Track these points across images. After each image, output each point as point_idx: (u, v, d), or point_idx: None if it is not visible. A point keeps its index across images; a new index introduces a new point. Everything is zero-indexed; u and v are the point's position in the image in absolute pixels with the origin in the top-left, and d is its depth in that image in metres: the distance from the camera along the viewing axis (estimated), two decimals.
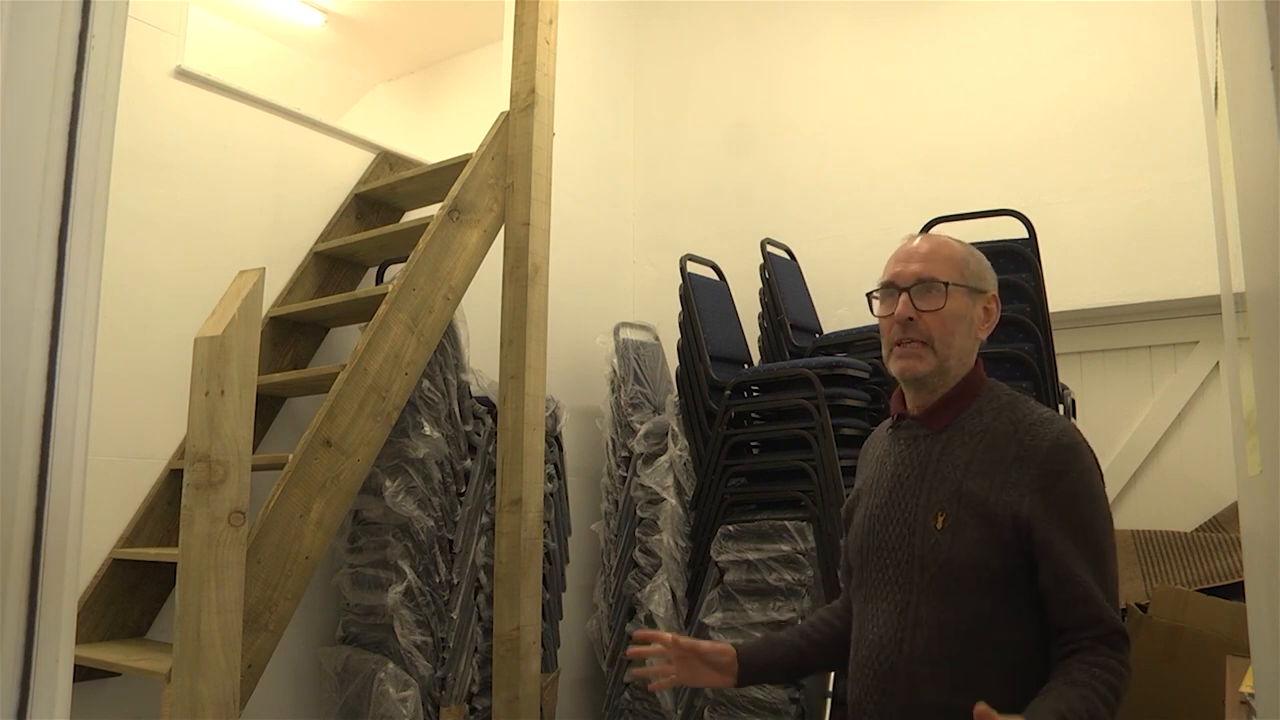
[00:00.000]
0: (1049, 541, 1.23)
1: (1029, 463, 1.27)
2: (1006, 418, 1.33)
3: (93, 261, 0.79)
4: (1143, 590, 2.53)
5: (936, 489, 1.33)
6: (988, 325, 1.41)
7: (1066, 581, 1.23)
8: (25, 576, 0.73)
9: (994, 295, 1.42)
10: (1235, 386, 1.26)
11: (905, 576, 1.33)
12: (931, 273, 1.37)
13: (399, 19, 4.30)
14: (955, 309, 1.36)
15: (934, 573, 1.29)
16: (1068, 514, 1.24)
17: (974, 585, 1.26)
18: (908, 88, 3.50)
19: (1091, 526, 1.25)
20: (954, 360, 1.37)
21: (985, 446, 1.31)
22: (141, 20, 2.41)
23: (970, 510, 1.28)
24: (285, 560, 1.99)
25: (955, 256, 1.39)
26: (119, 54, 0.83)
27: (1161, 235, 2.93)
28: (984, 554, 1.26)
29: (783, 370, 2.81)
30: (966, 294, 1.37)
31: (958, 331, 1.36)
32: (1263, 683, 1.06)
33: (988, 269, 1.43)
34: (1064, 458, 1.26)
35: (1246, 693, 1.54)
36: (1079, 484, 1.26)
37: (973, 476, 1.30)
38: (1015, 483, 1.26)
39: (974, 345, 1.40)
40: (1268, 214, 0.79)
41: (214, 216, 2.58)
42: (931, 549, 1.30)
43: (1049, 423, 1.31)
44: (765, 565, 2.66)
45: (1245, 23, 0.87)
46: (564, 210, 3.07)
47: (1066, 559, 1.23)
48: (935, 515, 1.31)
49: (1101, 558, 1.24)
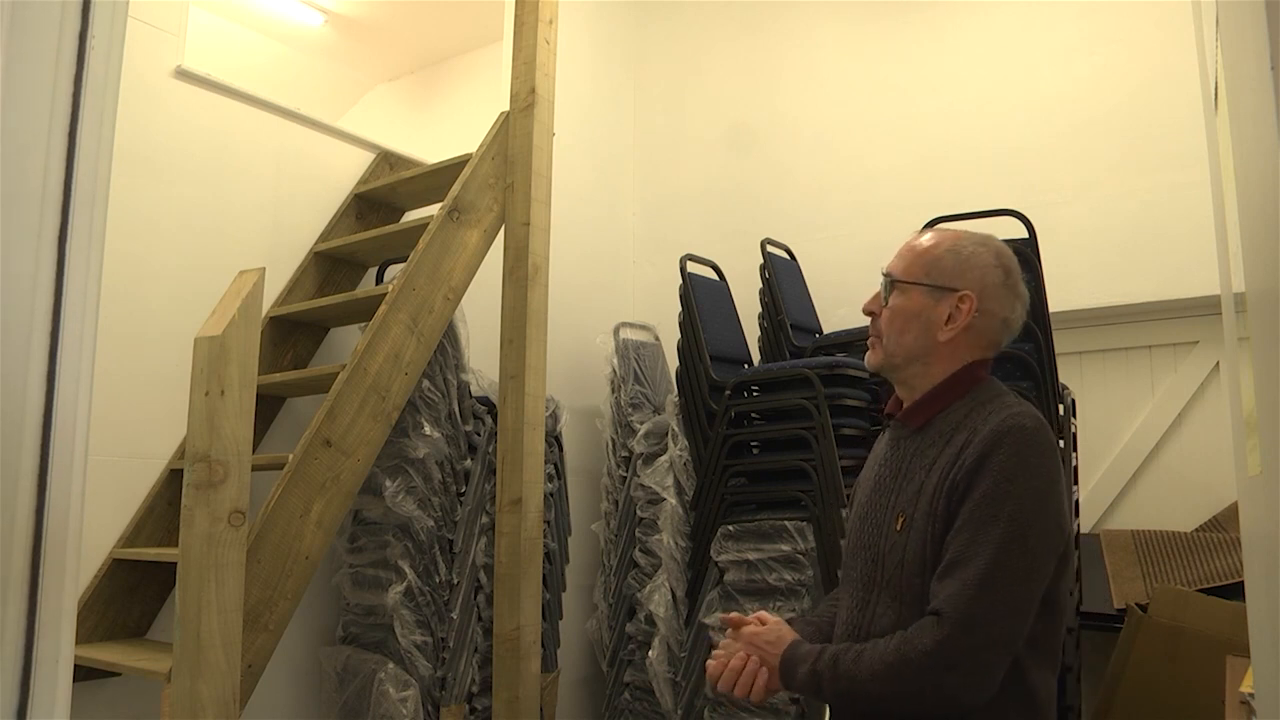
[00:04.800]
0: (955, 516, 1.23)
1: (969, 449, 1.26)
2: (978, 414, 1.31)
3: (93, 261, 0.79)
4: (1143, 590, 2.53)
5: (903, 490, 1.33)
6: (953, 326, 1.35)
7: (945, 552, 1.22)
8: (25, 576, 0.73)
9: (967, 294, 1.35)
10: (1235, 386, 1.26)
11: (869, 575, 1.34)
12: (892, 269, 1.41)
13: (399, 19, 4.30)
14: (906, 306, 1.37)
15: (891, 573, 1.30)
16: (975, 491, 1.22)
17: (921, 587, 1.25)
18: (908, 87, 3.50)
19: (990, 504, 1.20)
20: (902, 357, 1.37)
21: (951, 444, 1.30)
22: (141, 20, 2.41)
23: (924, 510, 1.27)
24: (285, 560, 1.99)
25: (929, 254, 1.38)
26: (119, 54, 0.83)
27: (1161, 235, 2.93)
28: (928, 554, 1.25)
29: (783, 370, 2.81)
30: (925, 292, 1.36)
31: (908, 329, 1.36)
32: (1263, 683, 1.05)
33: (974, 267, 1.37)
34: (998, 439, 1.24)
35: (1246, 693, 1.54)
36: (1006, 461, 1.22)
37: (933, 475, 1.29)
38: (955, 470, 1.25)
39: (935, 344, 1.36)
40: (1268, 214, 0.79)
41: (214, 216, 2.58)
42: (890, 550, 1.31)
43: (1004, 408, 1.30)
44: (765, 565, 2.65)
45: (1245, 23, 0.87)
46: (564, 210, 3.07)
47: (955, 531, 1.22)
48: (897, 517, 1.32)
49: (985, 540, 1.18)
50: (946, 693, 1.18)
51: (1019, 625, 1.20)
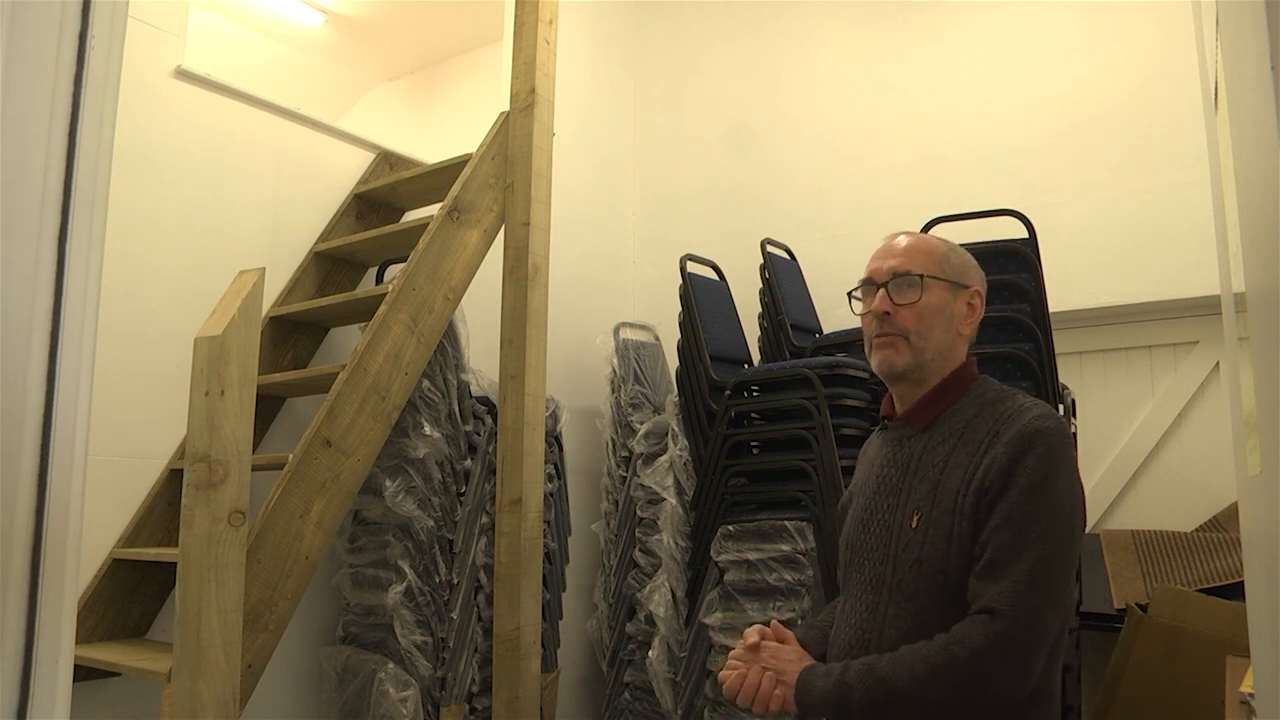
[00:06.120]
0: (990, 514, 1.23)
1: (996, 448, 1.26)
2: (989, 413, 1.32)
3: (93, 261, 0.79)
4: (1143, 590, 2.53)
5: (916, 488, 1.32)
6: (971, 321, 1.39)
7: (982, 552, 1.22)
8: (25, 576, 0.73)
9: (977, 291, 1.40)
10: (1235, 386, 1.26)
11: (878, 577, 1.33)
12: (908, 266, 1.37)
13: (399, 19, 4.30)
14: (933, 302, 1.35)
15: (904, 573, 1.29)
16: (1012, 490, 1.22)
17: (942, 586, 1.25)
18: (908, 87, 3.50)
19: (1029, 502, 1.21)
20: (931, 354, 1.36)
21: (964, 442, 1.30)
22: (141, 20, 2.41)
23: (944, 508, 1.27)
24: (285, 560, 1.99)
25: (934, 251, 1.39)
26: (119, 54, 0.83)
27: (1161, 235, 2.93)
28: (954, 553, 1.24)
29: (783, 370, 2.81)
30: (946, 288, 1.37)
31: (936, 325, 1.35)
32: (1263, 683, 1.05)
33: (971, 265, 1.41)
34: (1029, 440, 1.24)
35: (1246, 693, 1.54)
36: (1037, 465, 1.23)
37: (950, 472, 1.29)
38: (984, 470, 1.25)
39: (956, 340, 1.38)
40: (1268, 214, 0.79)
41: (214, 216, 2.58)
42: (904, 549, 1.29)
43: (1026, 410, 1.30)
44: (765, 565, 2.65)
45: (1245, 23, 0.87)
46: (564, 210, 3.07)
47: (991, 530, 1.22)
48: (911, 515, 1.30)
49: (1029, 540, 1.19)
50: (996, 690, 1.18)
51: (1063, 620, 1.23)
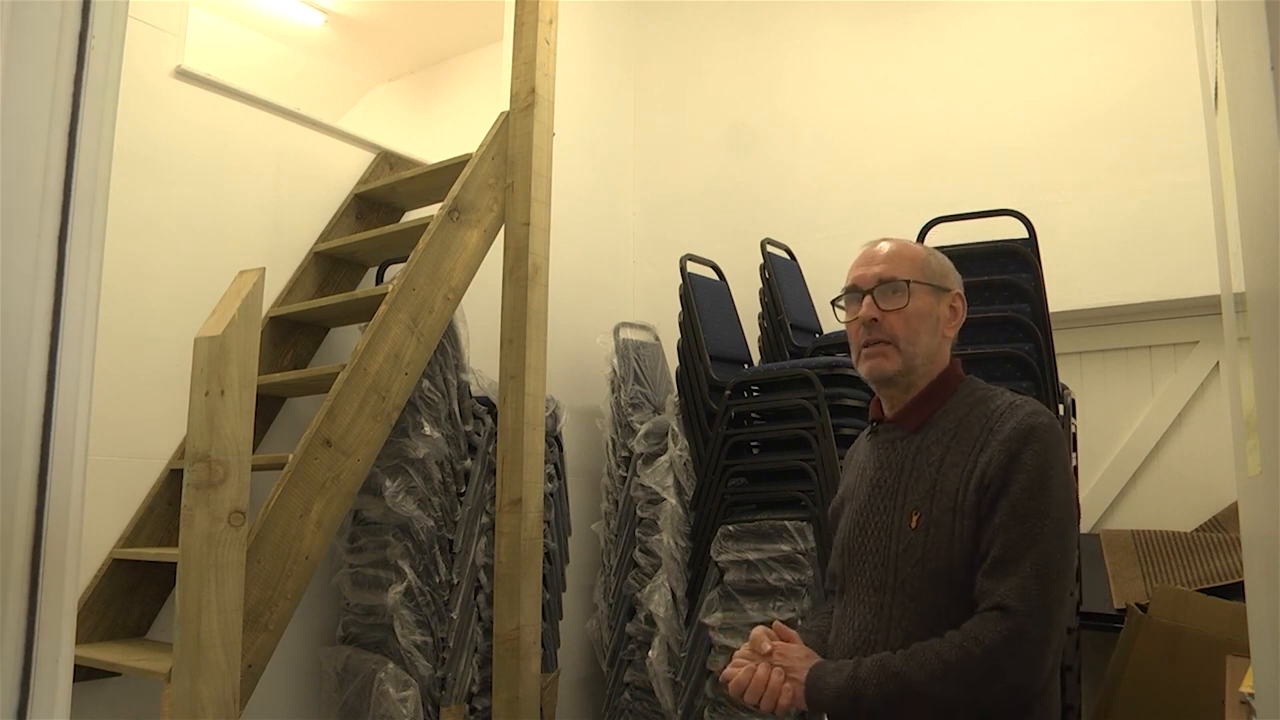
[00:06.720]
0: (992, 511, 1.24)
1: (992, 445, 1.27)
2: (979, 411, 1.34)
3: (93, 261, 0.79)
4: (1143, 590, 2.53)
5: (912, 489, 1.33)
6: (954, 324, 1.42)
7: (988, 550, 1.23)
8: (25, 576, 0.73)
9: (959, 294, 1.43)
10: (1235, 386, 1.26)
11: (880, 578, 1.33)
12: (893, 272, 1.39)
13: (399, 19, 4.30)
14: (919, 307, 1.38)
15: (907, 573, 1.29)
16: (1013, 487, 1.24)
17: (946, 584, 1.26)
18: (908, 87, 3.50)
19: (1032, 499, 1.23)
20: (920, 358, 1.38)
21: (958, 441, 1.32)
22: (141, 20, 2.41)
23: (943, 506, 1.28)
24: (285, 560, 1.99)
25: (916, 257, 1.41)
26: (119, 54, 0.83)
27: (1161, 235, 2.93)
28: (956, 551, 1.26)
29: (783, 370, 2.81)
30: (930, 292, 1.39)
31: (923, 329, 1.38)
32: (1263, 683, 1.05)
33: (950, 269, 1.44)
34: (1025, 436, 1.26)
35: (1246, 693, 1.54)
36: (1035, 461, 1.25)
37: (947, 472, 1.30)
38: (982, 468, 1.27)
39: (942, 343, 1.41)
40: (1268, 214, 0.79)
41: (214, 216, 2.58)
42: (905, 549, 1.30)
43: (1018, 407, 1.32)
44: (765, 565, 2.65)
45: (1245, 23, 0.87)
46: (564, 210, 3.07)
47: (996, 528, 1.23)
48: (910, 515, 1.32)
49: (1034, 536, 1.21)
50: (1011, 685, 1.19)
51: (1069, 613, 1.25)
